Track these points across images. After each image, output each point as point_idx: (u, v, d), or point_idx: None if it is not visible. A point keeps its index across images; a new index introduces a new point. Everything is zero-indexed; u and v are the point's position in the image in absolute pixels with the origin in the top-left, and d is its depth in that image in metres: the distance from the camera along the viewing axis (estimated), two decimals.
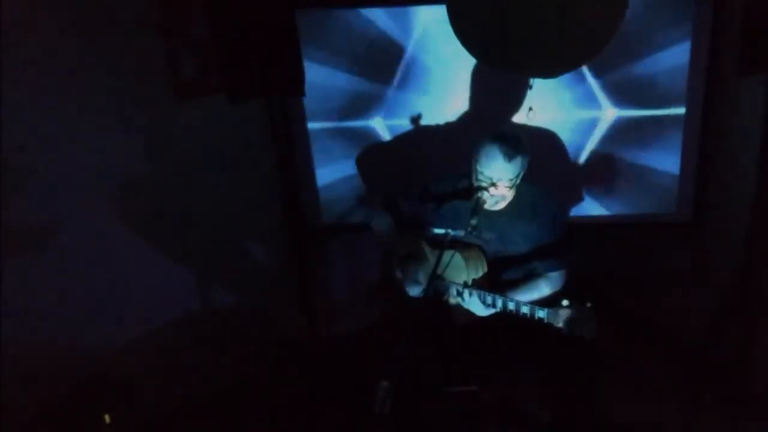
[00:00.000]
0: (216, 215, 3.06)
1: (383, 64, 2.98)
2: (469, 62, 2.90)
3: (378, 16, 2.90)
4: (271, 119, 3.01)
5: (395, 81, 3.00)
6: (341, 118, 3.08)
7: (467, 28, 1.89)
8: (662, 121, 2.94)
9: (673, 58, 2.83)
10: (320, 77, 2.96)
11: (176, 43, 2.74)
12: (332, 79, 2.99)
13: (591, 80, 2.92)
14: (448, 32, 2.09)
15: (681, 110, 2.92)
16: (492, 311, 2.23)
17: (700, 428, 2.68)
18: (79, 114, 2.58)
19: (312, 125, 3.10)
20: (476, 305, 2.26)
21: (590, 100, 2.96)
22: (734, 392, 2.84)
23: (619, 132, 2.99)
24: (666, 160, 3.02)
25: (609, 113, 2.97)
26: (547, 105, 2.95)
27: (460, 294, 2.29)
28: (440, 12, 2.70)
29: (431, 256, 2.44)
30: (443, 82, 2.98)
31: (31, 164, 2.50)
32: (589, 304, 2.04)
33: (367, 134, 3.11)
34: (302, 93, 2.87)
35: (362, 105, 3.06)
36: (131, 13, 2.62)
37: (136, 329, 2.94)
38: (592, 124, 3.00)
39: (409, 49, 2.95)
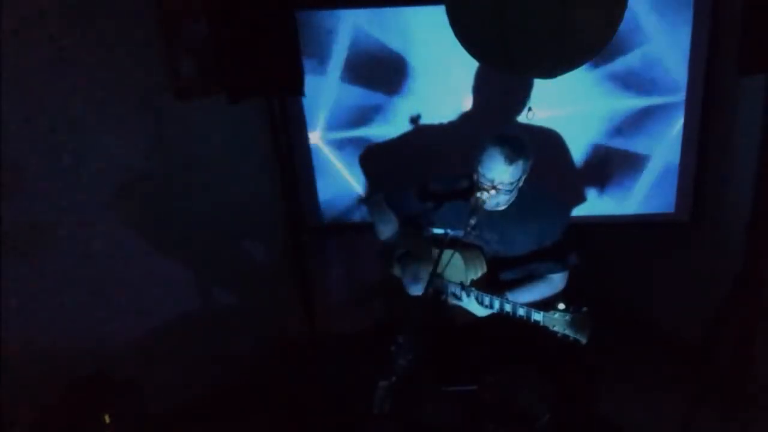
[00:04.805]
0: (216, 215, 3.06)
1: (381, 74, 2.98)
2: (466, 62, 2.90)
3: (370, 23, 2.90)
4: (271, 119, 3.01)
5: (398, 89, 3.00)
6: (341, 119, 3.09)
7: (466, 28, 1.89)
8: (661, 120, 2.94)
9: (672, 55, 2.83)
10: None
11: (176, 43, 2.74)
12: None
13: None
14: (441, 35, 2.08)
15: (680, 110, 2.91)
16: (490, 312, 2.23)
17: (700, 428, 2.67)
18: (79, 114, 2.58)
19: (312, 125, 3.10)
20: (474, 305, 2.26)
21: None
22: (734, 392, 2.84)
23: (618, 131, 2.99)
24: (665, 160, 3.01)
25: None
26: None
27: (457, 295, 2.29)
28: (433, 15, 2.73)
29: (432, 255, 2.44)
30: (440, 85, 2.98)
31: (31, 164, 2.51)
32: (585, 309, 2.03)
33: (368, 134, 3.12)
34: (302, 93, 2.86)
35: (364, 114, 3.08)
36: (131, 13, 2.63)
37: (136, 329, 2.94)
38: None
39: (405, 56, 2.94)
